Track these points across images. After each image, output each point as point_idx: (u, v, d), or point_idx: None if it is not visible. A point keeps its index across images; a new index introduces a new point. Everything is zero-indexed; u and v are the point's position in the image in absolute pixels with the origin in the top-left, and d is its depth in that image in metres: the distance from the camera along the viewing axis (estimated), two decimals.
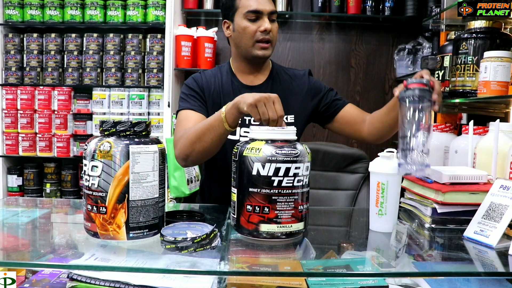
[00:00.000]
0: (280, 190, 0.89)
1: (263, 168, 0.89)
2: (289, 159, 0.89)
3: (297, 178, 0.90)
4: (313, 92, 1.49)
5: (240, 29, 1.41)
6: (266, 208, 0.90)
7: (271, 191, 0.89)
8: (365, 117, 1.45)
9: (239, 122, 1.42)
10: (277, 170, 0.89)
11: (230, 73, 1.49)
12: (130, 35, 2.69)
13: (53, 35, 2.71)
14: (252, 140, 0.95)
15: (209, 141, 1.21)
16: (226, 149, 1.38)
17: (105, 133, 0.89)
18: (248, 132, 1.42)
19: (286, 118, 1.47)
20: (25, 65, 2.74)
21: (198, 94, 1.44)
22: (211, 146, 1.22)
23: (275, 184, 0.89)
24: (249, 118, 1.42)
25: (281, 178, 0.89)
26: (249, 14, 1.38)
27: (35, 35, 2.72)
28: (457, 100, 1.74)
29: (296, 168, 0.90)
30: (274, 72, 1.52)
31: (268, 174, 0.89)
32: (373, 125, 1.41)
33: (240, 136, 1.42)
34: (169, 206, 1.54)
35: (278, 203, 0.89)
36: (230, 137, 1.43)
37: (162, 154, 0.92)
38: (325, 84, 1.56)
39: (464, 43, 1.66)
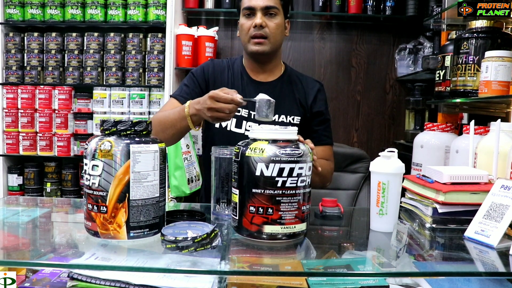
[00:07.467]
0: (284, 191, 0.89)
1: (267, 168, 0.88)
2: (292, 159, 0.89)
3: (300, 178, 0.90)
4: (315, 109, 1.53)
5: (240, 26, 1.46)
6: (270, 209, 0.89)
7: (275, 191, 0.89)
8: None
9: (245, 116, 1.44)
10: (281, 170, 0.88)
11: (241, 68, 1.52)
12: (130, 34, 2.69)
13: (53, 34, 2.71)
14: (254, 140, 0.94)
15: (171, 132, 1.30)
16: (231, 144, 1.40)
17: (106, 132, 0.89)
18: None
19: (293, 119, 1.49)
20: (25, 64, 2.74)
21: (197, 84, 1.47)
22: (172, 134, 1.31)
23: (279, 184, 0.88)
24: (254, 112, 1.44)
25: (285, 179, 0.88)
26: (244, 11, 1.42)
27: (35, 34, 2.72)
28: (458, 100, 1.74)
29: (299, 168, 0.89)
30: (286, 74, 1.54)
31: (272, 175, 0.88)
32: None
33: (246, 130, 1.44)
34: (170, 205, 1.53)
35: (282, 204, 0.89)
36: (235, 130, 1.44)
37: (163, 154, 0.91)
38: (327, 110, 1.57)
39: (465, 42, 1.66)
